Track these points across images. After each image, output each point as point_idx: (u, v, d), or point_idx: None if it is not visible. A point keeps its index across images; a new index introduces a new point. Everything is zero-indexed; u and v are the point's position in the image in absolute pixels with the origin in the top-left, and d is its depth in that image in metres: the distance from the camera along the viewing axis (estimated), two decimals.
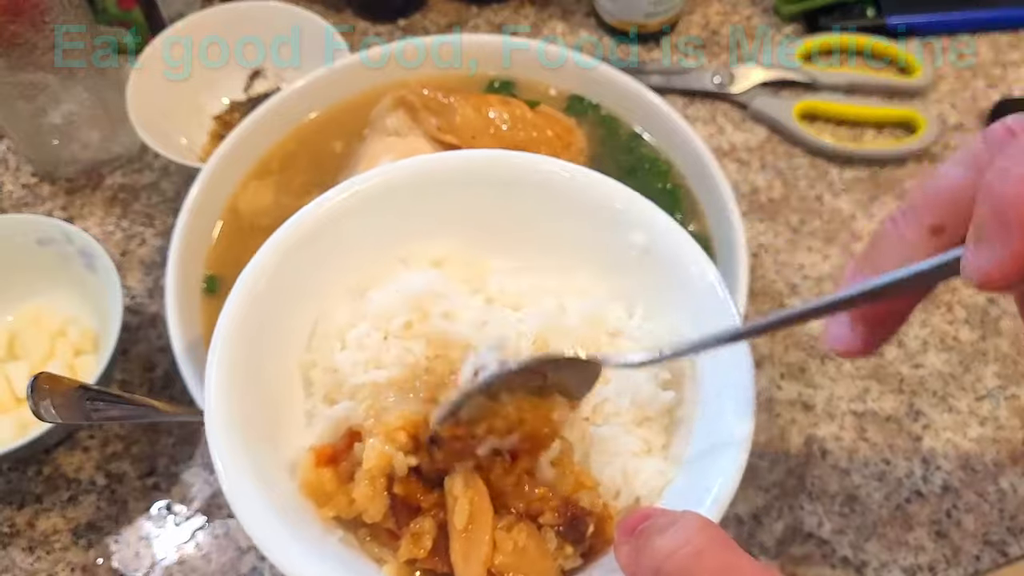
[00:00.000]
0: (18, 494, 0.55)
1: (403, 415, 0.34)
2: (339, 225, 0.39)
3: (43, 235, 0.58)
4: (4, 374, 0.57)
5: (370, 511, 0.33)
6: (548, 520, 0.33)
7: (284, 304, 0.38)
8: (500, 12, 0.77)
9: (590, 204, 0.39)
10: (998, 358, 0.58)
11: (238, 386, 0.34)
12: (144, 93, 0.64)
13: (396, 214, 0.40)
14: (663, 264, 0.38)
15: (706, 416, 0.35)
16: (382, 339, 0.37)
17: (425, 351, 0.36)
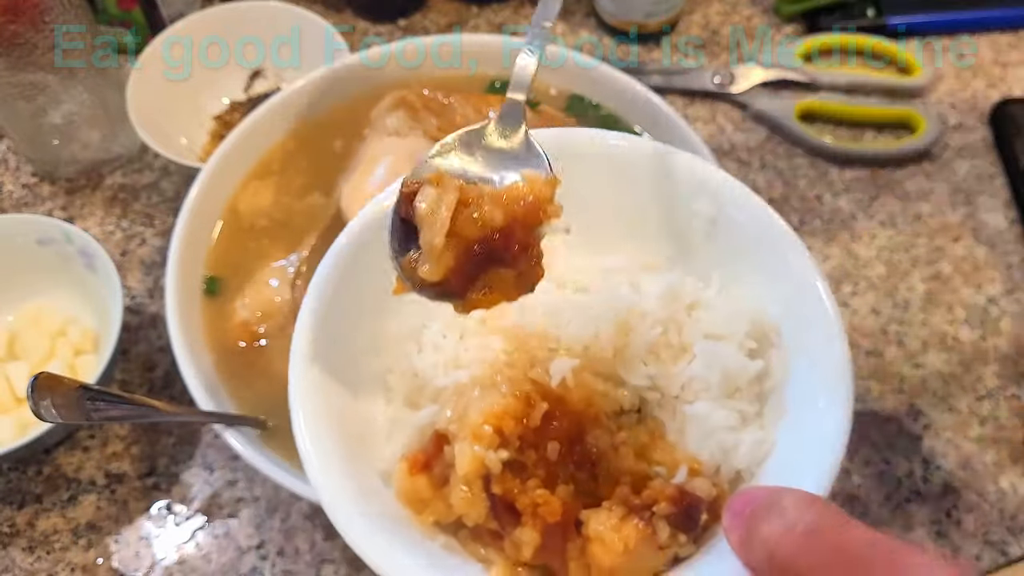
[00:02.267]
0: (18, 494, 0.55)
1: (485, 411, 0.33)
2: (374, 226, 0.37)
3: (43, 235, 0.58)
4: (4, 374, 0.57)
5: (471, 515, 0.33)
6: (663, 510, 0.32)
7: (351, 311, 0.37)
8: (500, 12, 0.77)
9: (650, 174, 0.38)
10: (998, 358, 0.58)
11: (323, 400, 0.34)
12: (144, 93, 0.65)
13: None
14: (732, 229, 0.37)
15: (799, 383, 0.34)
16: (458, 338, 0.36)
17: (503, 345, 0.36)
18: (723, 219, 0.37)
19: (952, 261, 0.63)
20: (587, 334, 0.35)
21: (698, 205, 0.38)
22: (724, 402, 0.35)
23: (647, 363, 0.35)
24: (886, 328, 0.60)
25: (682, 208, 0.38)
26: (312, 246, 0.55)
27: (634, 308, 0.36)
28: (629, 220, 0.39)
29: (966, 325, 0.60)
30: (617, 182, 0.39)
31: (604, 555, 0.31)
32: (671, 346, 0.36)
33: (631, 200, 0.39)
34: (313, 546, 0.52)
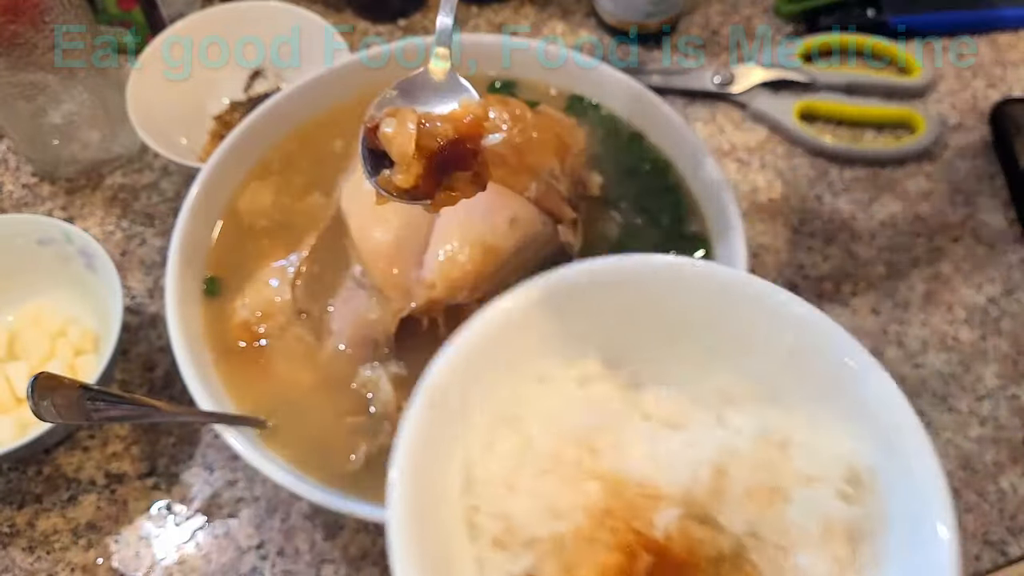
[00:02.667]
0: (18, 494, 0.55)
1: (595, 567, 0.33)
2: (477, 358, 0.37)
3: (43, 235, 0.58)
4: (4, 374, 0.57)
5: None
6: None
7: (439, 449, 0.36)
8: (500, 12, 0.77)
9: (731, 303, 0.38)
10: (998, 358, 0.58)
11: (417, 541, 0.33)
12: (144, 93, 0.65)
13: (532, 336, 0.38)
14: (815, 361, 0.36)
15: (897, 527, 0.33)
16: (555, 482, 0.35)
17: (601, 492, 0.35)
18: (806, 350, 0.37)
19: (952, 261, 0.63)
20: (685, 479, 0.35)
21: (780, 335, 0.37)
22: (820, 550, 0.34)
23: (744, 507, 0.35)
24: (886, 328, 0.60)
25: (763, 338, 0.37)
26: (312, 246, 0.55)
27: (727, 448, 0.35)
28: (712, 350, 0.38)
29: (966, 325, 0.60)
30: (699, 310, 0.38)
31: None
32: (765, 488, 0.35)
33: (714, 329, 0.38)
34: (313, 546, 0.53)
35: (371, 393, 0.50)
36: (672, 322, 0.39)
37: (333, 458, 0.48)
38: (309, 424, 0.50)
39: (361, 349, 0.51)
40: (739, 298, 0.38)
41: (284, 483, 0.45)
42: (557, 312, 0.39)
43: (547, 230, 0.52)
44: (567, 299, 0.39)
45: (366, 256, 0.51)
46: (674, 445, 0.36)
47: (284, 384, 0.51)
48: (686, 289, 0.38)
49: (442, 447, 0.36)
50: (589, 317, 0.39)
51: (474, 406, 0.37)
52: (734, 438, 0.36)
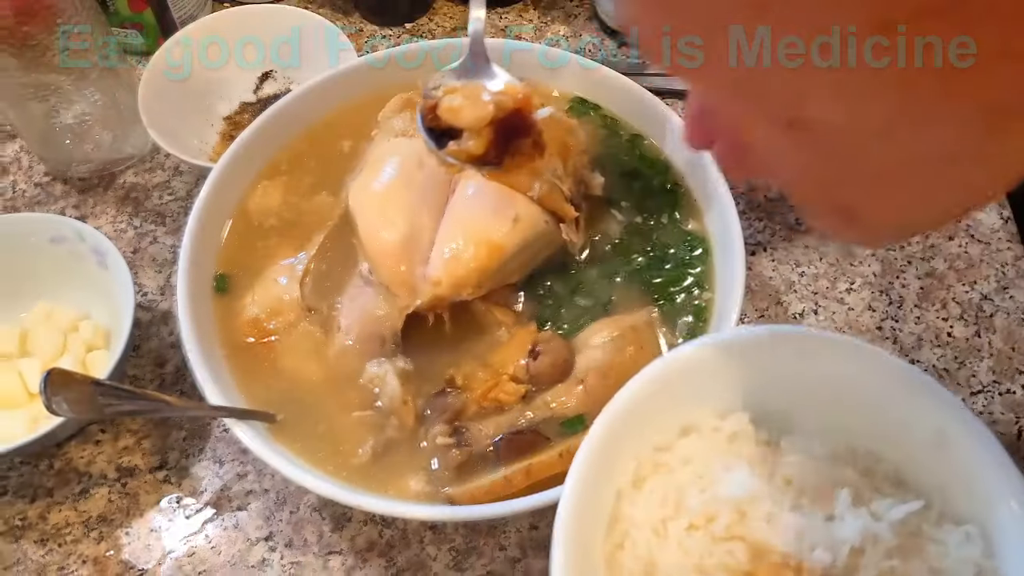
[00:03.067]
0: (30, 488, 0.56)
1: None
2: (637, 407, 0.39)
3: (56, 233, 0.59)
4: (17, 370, 0.58)
5: None
6: None
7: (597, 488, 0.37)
8: (504, 16, 0.78)
9: (885, 384, 0.38)
10: (992, 354, 0.59)
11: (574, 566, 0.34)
12: (155, 94, 0.66)
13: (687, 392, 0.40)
14: (955, 453, 0.37)
15: None
16: (704, 539, 0.36)
17: (746, 556, 0.36)
18: (949, 439, 0.37)
19: (946, 258, 0.64)
20: (826, 559, 0.35)
21: (929, 422, 0.37)
22: None
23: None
24: (881, 324, 0.61)
25: (914, 425, 0.38)
26: (320, 244, 0.56)
27: (869, 535, 0.36)
28: (858, 428, 0.39)
29: (960, 321, 0.61)
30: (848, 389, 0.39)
31: None
32: (895, 573, 0.36)
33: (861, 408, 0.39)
34: (321, 537, 0.53)
35: (378, 388, 0.51)
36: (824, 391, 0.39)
37: (341, 452, 0.49)
38: (317, 418, 0.50)
39: (368, 345, 0.52)
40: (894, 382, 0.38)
41: (292, 476, 0.46)
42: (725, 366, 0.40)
43: (550, 229, 0.53)
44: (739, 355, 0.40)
45: (373, 254, 0.52)
46: (818, 523, 0.36)
47: (293, 379, 0.52)
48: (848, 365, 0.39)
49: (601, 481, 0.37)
50: (751, 377, 0.40)
51: (631, 447, 0.38)
52: (877, 525, 0.36)
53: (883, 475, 0.39)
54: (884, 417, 0.39)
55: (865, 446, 0.39)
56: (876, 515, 0.37)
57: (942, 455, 0.37)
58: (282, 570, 0.52)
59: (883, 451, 0.39)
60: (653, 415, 0.39)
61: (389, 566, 0.52)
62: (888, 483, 0.38)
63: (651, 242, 0.56)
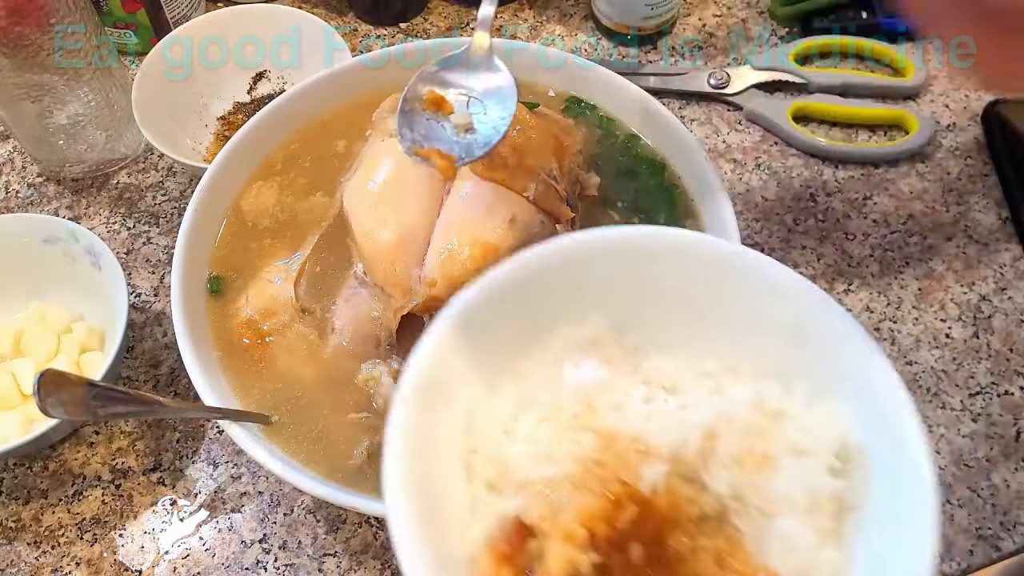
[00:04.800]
0: (24, 489, 0.56)
1: (580, 512, 0.34)
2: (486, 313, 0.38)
3: (49, 234, 0.59)
4: (10, 371, 0.57)
5: None
6: None
7: (444, 395, 0.37)
8: (499, 15, 0.78)
9: (736, 276, 0.39)
10: (990, 355, 0.59)
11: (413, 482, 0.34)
12: (149, 94, 0.65)
13: (541, 299, 0.39)
14: (813, 337, 0.37)
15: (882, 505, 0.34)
16: (552, 432, 0.37)
17: (594, 444, 0.36)
18: (805, 326, 0.37)
19: (945, 259, 0.63)
20: (676, 439, 0.36)
21: (781, 310, 0.38)
22: (804, 519, 0.35)
23: (731, 471, 0.36)
24: (879, 325, 0.61)
25: (765, 312, 0.38)
26: (315, 245, 0.55)
27: (722, 414, 0.36)
28: (713, 321, 0.39)
29: (959, 322, 0.61)
30: (704, 284, 0.39)
31: None
32: (755, 455, 0.36)
33: (717, 300, 0.39)
34: (316, 539, 0.53)
35: (373, 389, 0.50)
36: (678, 295, 0.40)
37: (336, 453, 0.49)
38: (312, 420, 0.50)
39: (363, 346, 0.52)
40: (742, 273, 0.39)
41: (287, 478, 0.46)
42: (567, 276, 0.40)
43: (545, 229, 0.53)
44: (577, 264, 0.40)
45: (368, 255, 0.52)
46: (670, 407, 0.37)
47: (287, 380, 0.52)
48: (690, 262, 0.39)
49: (447, 388, 0.37)
50: (598, 284, 0.40)
51: (483, 355, 0.38)
52: (729, 406, 0.37)
53: (742, 367, 0.39)
54: (738, 312, 0.39)
55: (726, 345, 0.39)
56: (730, 399, 0.37)
57: (803, 345, 0.37)
58: (276, 572, 0.52)
59: (742, 344, 0.39)
60: (506, 320, 0.39)
61: (384, 568, 0.52)
62: (749, 374, 0.38)
63: None
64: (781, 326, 0.38)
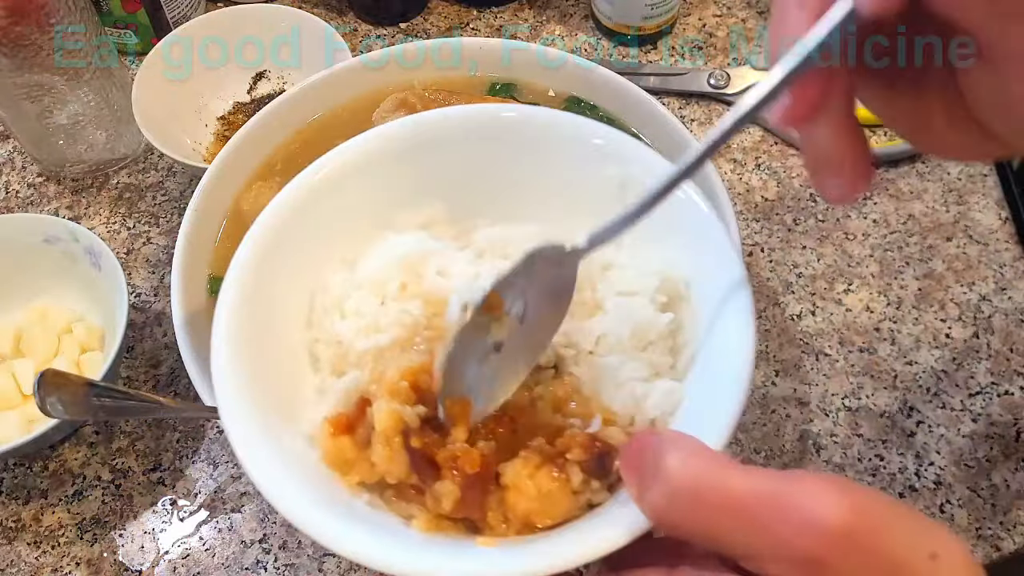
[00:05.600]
0: (24, 489, 0.56)
1: (402, 368, 0.35)
2: (321, 202, 0.39)
3: (49, 234, 0.59)
4: (11, 371, 0.57)
5: (392, 471, 0.34)
6: (575, 456, 0.33)
7: (278, 287, 0.38)
8: (499, 15, 0.78)
9: (565, 143, 0.39)
10: (990, 355, 0.59)
11: (246, 374, 0.35)
12: (149, 94, 0.65)
13: (376, 183, 0.40)
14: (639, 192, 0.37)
15: (707, 336, 0.35)
16: (379, 304, 0.37)
17: (423, 310, 0.37)
18: (630, 182, 0.38)
19: (945, 259, 0.63)
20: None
21: (607, 170, 0.38)
22: (636, 355, 0.36)
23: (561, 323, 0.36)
24: (879, 325, 0.61)
25: (593, 175, 0.39)
26: None
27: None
28: (545, 190, 0.40)
29: (959, 322, 0.61)
30: (532, 154, 0.40)
31: (519, 501, 0.32)
32: (585, 304, 0.37)
33: (548, 170, 0.40)
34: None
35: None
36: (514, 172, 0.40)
37: None
38: None
39: None
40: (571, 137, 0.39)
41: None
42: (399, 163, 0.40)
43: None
44: (409, 152, 0.40)
45: None
46: (494, 268, 0.37)
47: None
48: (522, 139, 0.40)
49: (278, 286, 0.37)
50: (432, 168, 0.40)
51: (317, 245, 0.39)
52: None
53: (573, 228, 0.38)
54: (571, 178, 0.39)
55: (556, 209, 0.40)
56: None
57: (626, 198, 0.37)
58: (276, 572, 0.52)
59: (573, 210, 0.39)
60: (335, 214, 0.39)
61: None
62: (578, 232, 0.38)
63: None
64: (611, 186, 0.38)
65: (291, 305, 0.38)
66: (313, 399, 0.37)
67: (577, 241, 0.34)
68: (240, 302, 0.36)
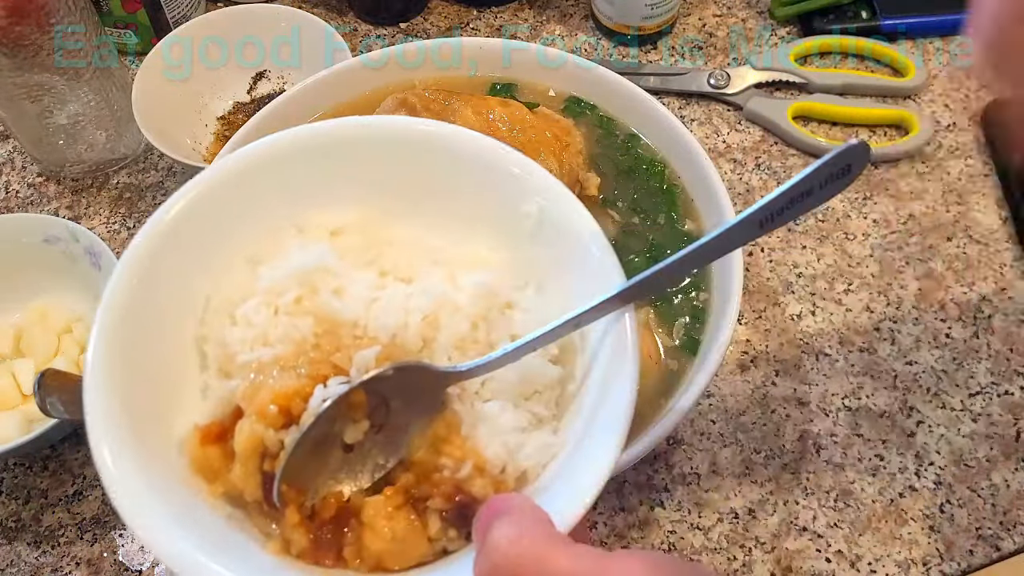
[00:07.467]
0: (24, 489, 0.56)
1: (276, 390, 0.34)
2: (232, 193, 0.38)
3: (49, 234, 0.59)
4: (10, 371, 0.58)
5: (247, 491, 0.34)
6: (436, 505, 0.33)
7: (176, 277, 0.37)
8: (499, 15, 0.78)
9: (487, 171, 0.39)
10: (990, 355, 0.59)
11: (122, 365, 0.34)
12: (149, 94, 0.65)
13: (291, 182, 0.39)
14: (556, 235, 0.37)
15: (592, 391, 0.35)
16: (272, 315, 0.37)
17: (313, 328, 0.36)
18: (546, 221, 0.38)
19: (945, 259, 0.63)
20: (396, 323, 0.36)
21: (525, 205, 0.38)
22: (519, 402, 0.36)
23: (451, 358, 0.36)
24: (879, 325, 0.61)
25: (512, 207, 0.38)
26: None
27: (447, 302, 0.36)
28: (459, 211, 0.40)
29: (959, 322, 0.61)
30: (454, 177, 0.39)
31: (373, 541, 0.33)
32: (478, 342, 0.36)
33: (466, 194, 0.39)
34: None
35: None
36: (435, 187, 0.40)
37: None
38: None
39: None
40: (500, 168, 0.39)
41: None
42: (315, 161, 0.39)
43: None
44: (327, 150, 0.39)
45: None
46: (394, 295, 0.37)
47: None
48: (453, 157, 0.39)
49: (173, 278, 0.37)
50: (358, 172, 0.40)
51: (217, 243, 0.38)
52: (455, 294, 0.37)
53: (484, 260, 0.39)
54: (488, 206, 0.39)
55: (468, 236, 0.39)
56: (458, 287, 0.37)
57: (540, 238, 0.38)
58: None
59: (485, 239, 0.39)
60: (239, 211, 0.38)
61: None
62: (490, 266, 0.38)
63: (647, 243, 0.56)
64: (528, 222, 0.38)
65: (187, 299, 0.37)
66: (195, 399, 0.36)
67: (455, 365, 0.34)
68: (129, 290, 0.35)
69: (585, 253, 0.36)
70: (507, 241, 0.39)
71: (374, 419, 0.34)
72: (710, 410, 0.57)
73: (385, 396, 0.34)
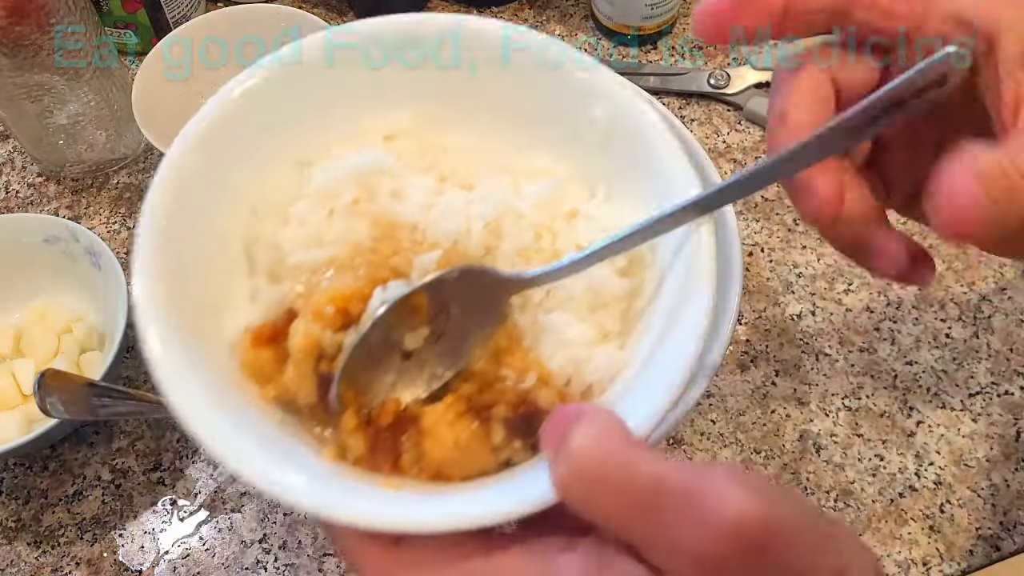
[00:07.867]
0: (23, 489, 0.56)
1: (333, 290, 0.32)
2: (282, 93, 0.36)
3: (49, 234, 0.59)
4: (10, 371, 0.57)
5: (301, 394, 0.32)
6: (500, 413, 0.31)
7: (222, 178, 0.35)
8: (499, 15, 0.78)
9: (551, 73, 0.36)
10: (991, 355, 0.59)
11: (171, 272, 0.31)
12: (149, 94, 0.65)
13: (345, 83, 0.37)
14: (626, 141, 0.35)
15: (666, 306, 0.32)
16: (326, 216, 0.35)
17: (370, 231, 0.34)
18: (617, 129, 0.35)
19: (945, 259, 0.63)
20: (457, 229, 0.34)
21: (595, 112, 0.35)
22: (584, 315, 0.34)
23: (516, 266, 0.34)
24: (879, 325, 0.61)
25: (580, 114, 0.36)
26: None
27: (510, 209, 0.35)
28: (521, 117, 0.37)
29: (959, 323, 0.61)
30: (516, 80, 0.37)
31: (434, 448, 0.31)
32: (542, 251, 0.35)
33: (530, 99, 0.37)
34: (316, 539, 0.53)
35: None
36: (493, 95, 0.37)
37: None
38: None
39: None
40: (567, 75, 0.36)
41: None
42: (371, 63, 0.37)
43: None
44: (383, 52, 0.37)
45: None
46: (454, 200, 0.35)
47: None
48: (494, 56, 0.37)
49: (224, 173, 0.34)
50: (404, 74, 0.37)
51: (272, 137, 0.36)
52: (518, 201, 0.35)
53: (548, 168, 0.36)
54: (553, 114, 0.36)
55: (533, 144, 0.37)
56: (524, 196, 0.35)
57: (609, 146, 0.35)
58: (276, 572, 0.52)
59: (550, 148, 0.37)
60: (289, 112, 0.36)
61: None
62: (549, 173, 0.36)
63: None
64: (596, 130, 0.36)
65: (234, 201, 0.35)
66: (244, 304, 0.34)
67: (521, 272, 0.32)
68: (176, 187, 0.32)
69: (658, 161, 0.33)
70: (572, 149, 0.36)
71: (434, 326, 0.32)
72: (710, 410, 0.57)
73: (446, 302, 0.32)
